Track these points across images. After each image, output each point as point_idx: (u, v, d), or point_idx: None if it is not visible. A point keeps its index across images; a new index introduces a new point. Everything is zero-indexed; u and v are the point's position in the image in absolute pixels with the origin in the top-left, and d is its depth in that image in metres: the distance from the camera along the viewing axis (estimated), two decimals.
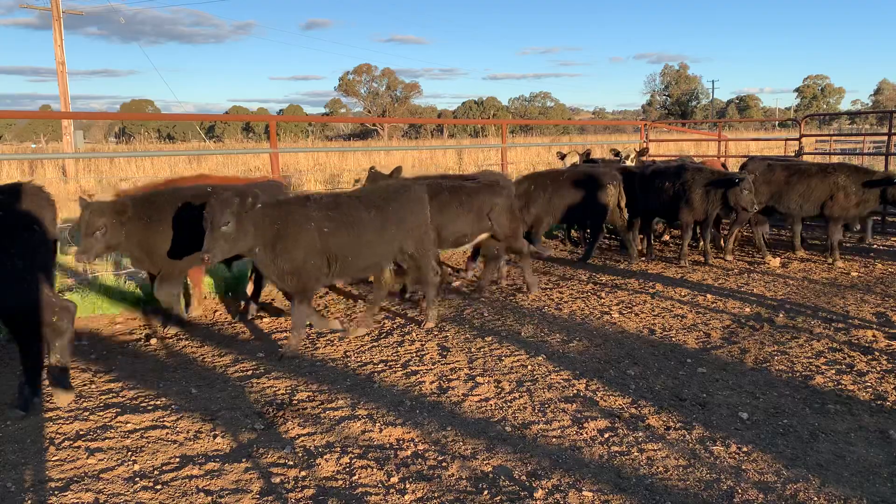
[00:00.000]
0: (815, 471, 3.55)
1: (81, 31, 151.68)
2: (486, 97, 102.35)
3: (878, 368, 4.98)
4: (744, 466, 3.61)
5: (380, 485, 3.50)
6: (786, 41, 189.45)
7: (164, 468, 3.71)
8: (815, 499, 3.29)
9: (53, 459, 3.83)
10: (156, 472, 3.66)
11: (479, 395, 4.63)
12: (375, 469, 3.65)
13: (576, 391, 4.68)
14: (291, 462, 3.75)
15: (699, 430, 4.04)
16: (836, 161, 13.71)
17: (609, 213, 9.01)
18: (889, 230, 11.01)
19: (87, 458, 3.82)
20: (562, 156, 11.87)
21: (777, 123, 61.28)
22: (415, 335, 6.02)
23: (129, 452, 3.90)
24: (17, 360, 5.56)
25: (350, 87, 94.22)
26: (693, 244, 10.01)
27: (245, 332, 6.27)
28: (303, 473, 3.62)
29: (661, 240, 10.86)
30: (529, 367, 5.14)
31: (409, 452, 3.84)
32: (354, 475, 3.60)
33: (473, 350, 5.57)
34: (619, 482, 3.47)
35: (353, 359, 5.45)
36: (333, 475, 3.60)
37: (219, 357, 5.57)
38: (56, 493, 3.46)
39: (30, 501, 3.39)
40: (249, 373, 5.17)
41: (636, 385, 4.77)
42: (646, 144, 13.27)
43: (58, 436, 4.13)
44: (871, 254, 9.39)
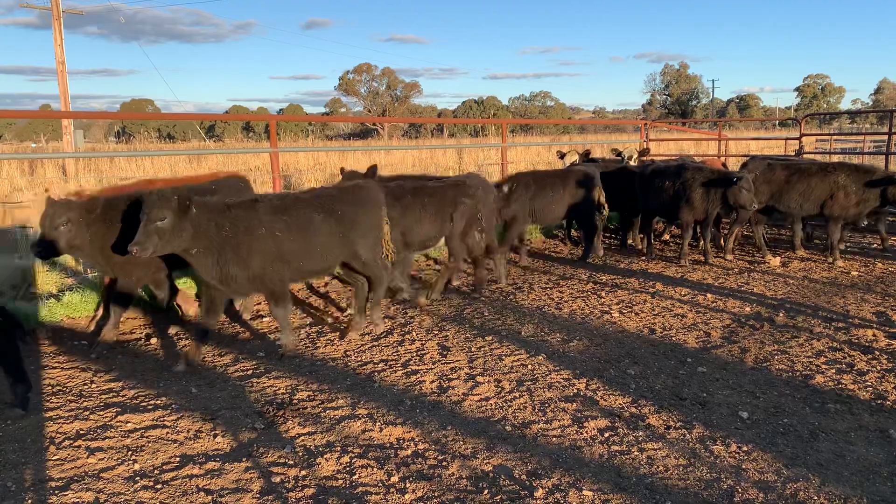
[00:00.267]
0: (816, 470, 3.55)
1: (81, 31, 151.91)
2: (487, 96, 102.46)
3: (879, 368, 4.98)
4: (744, 466, 3.61)
5: (380, 484, 3.50)
6: (786, 40, 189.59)
7: (165, 467, 3.71)
8: (816, 498, 3.29)
9: (54, 459, 3.83)
10: (156, 472, 3.66)
11: (480, 395, 4.63)
12: (376, 468, 3.66)
13: (576, 390, 4.68)
14: (292, 461, 3.75)
15: (699, 430, 4.04)
16: (836, 160, 13.71)
17: (596, 211, 9.12)
18: (889, 230, 10.99)
19: (88, 458, 3.83)
20: (561, 155, 11.88)
21: (777, 123, 61.28)
22: (415, 334, 6.02)
23: (130, 452, 3.90)
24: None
25: (350, 87, 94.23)
26: (693, 243, 10.01)
27: (245, 332, 6.27)
28: (303, 473, 3.63)
29: (662, 239, 10.86)
30: (530, 367, 5.14)
31: (410, 452, 3.84)
32: (355, 474, 3.60)
33: (474, 349, 5.57)
34: (620, 481, 3.47)
35: (354, 358, 5.45)
36: (334, 474, 3.60)
37: (219, 357, 5.57)
38: (56, 493, 3.46)
39: (30, 501, 3.40)
40: (249, 372, 5.17)
41: (636, 384, 4.77)
42: (647, 144, 13.27)
43: (58, 435, 4.13)
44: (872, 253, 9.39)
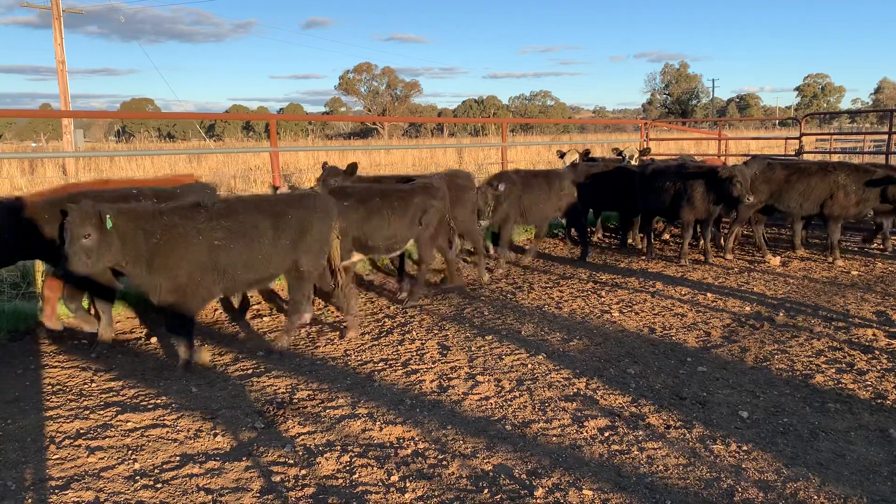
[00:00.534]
0: (816, 469, 3.55)
1: (81, 30, 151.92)
2: (487, 96, 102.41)
3: (879, 367, 4.98)
4: (744, 465, 3.61)
5: (380, 483, 3.50)
6: (786, 40, 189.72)
7: (165, 467, 3.71)
8: (816, 497, 3.29)
9: (54, 458, 3.83)
10: (156, 471, 3.66)
11: (480, 394, 4.63)
12: (376, 468, 3.66)
13: (576, 390, 4.68)
14: (292, 461, 3.75)
15: (699, 429, 4.04)
16: (837, 160, 13.70)
17: (578, 211, 9.19)
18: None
19: (88, 457, 3.83)
20: (561, 154, 11.87)
21: (777, 122, 61.25)
22: (415, 334, 6.02)
23: (130, 451, 3.90)
24: (18, 360, 5.58)
25: (350, 86, 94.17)
26: (693, 243, 10.01)
27: (245, 332, 6.27)
28: (303, 472, 3.63)
29: (662, 238, 10.86)
30: (530, 366, 5.14)
31: (410, 451, 3.84)
32: (355, 474, 3.60)
33: (474, 349, 5.57)
34: (620, 481, 3.47)
35: (354, 357, 5.45)
36: (334, 474, 3.61)
37: (219, 356, 5.57)
38: (56, 492, 3.46)
39: (30, 500, 3.40)
40: (249, 371, 5.17)
41: (636, 384, 4.77)
42: (647, 144, 13.26)
43: (58, 434, 4.13)
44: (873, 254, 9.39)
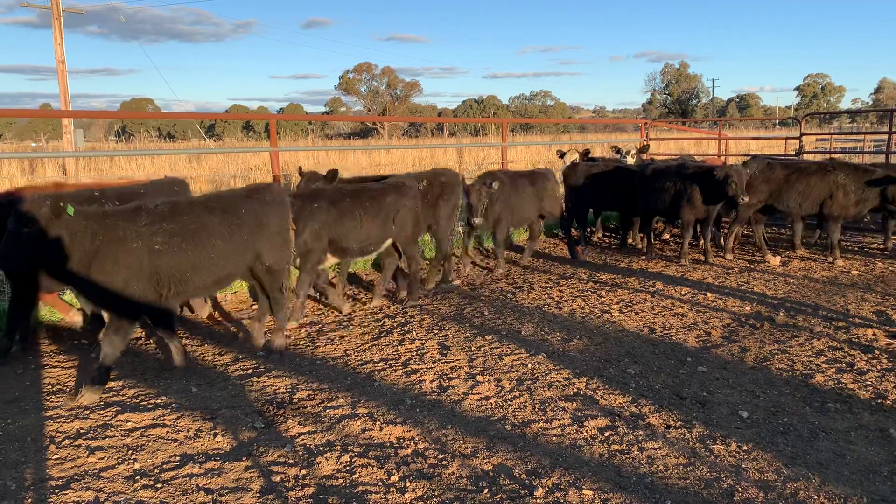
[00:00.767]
0: (816, 469, 3.55)
1: (81, 30, 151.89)
2: (487, 96, 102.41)
3: (879, 367, 4.98)
4: (744, 465, 3.61)
5: (380, 483, 3.50)
6: (786, 40, 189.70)
7: (165, 467, 3.71)
8: (816, 497, 3.29)
9: (54, 458, 3.83)
10: (156, 471, 3.66)
11: (480, 394, 4.63)
12: (376, 467, 3.66)
13: (576, 390, 4.68)
14: (292, 460, 3.75)
15: (699, 429, 4.04)
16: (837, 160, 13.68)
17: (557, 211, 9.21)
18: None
19: (88, 457, 3.83)
20: (561, 154, 11.87)
21: (777, 122, 61.21)
22: (415, 334, 6.02)
23: (130, 451, 3.90)
24: (18, 360, 5.58)
25: (350, 86, 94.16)
26: (693, 243, 10.01)
27: (245, 331, 6.26)
28: (303, 472, 3.63)
29: (662, 238, 10.86)
30: (529, 366, 5.14)
31: (410, 451, 3.84)
32: (355, 474, 3.60)
33: (474, 349, 5.57)
34: (620, 480, 3.47)
35: (354, 357, 5.45)
36: (334, 473, 3.60)
37: (219, 356, 5.57)
38: (56, 492, 3.46)
39: (30, 500, 3.40)
40: (250, 371, 5.17)
41: (636, 384, 4.77)
42: (646, 142, 13.25)
43: (58, 434, 4.13)
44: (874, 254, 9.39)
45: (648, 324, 6.20)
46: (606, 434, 4.00)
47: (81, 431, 4.16)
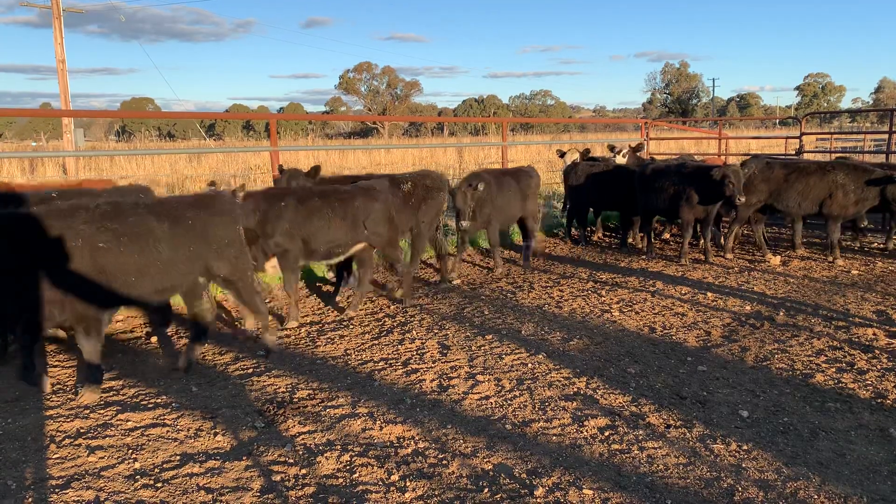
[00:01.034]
0: (816, 469, 3.55)
1: (82, 30, 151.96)
2: (487, 95, 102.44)
3: (879, 367, 4.98)
4: (744, 464, 3.61)
5: (380, 483, 3.50)
6: (786, 39, 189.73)
7: (165, 466, 3.71)
8: (816, 497, 3.29)
9: (54, 457, 3.83)
10: (156, 470, 3.67)
11: (480, 394, 4.63)
12: (376, 467, 3.66)
13: (576, 389, 4.68)
14: (292, 460, 3.75)
15: (699, 429, 4.04)
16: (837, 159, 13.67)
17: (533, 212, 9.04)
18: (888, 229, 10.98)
19: (88, 456, 3.83)
20: (562, 154, 11.88)
21: (778, 122, 61.17)
22: (415, 333, 6.03)
23: (130, 450, 3.90)
24: (18, 360, 5.58)
25: (350, 86, 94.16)
26: (693, 242, 10.01)
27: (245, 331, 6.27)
28: (303, 471, 3.63)
29: (662, 238, 10.86)
30: (530, 366, 5.14)
31: (410, 450, 3.84)
32: (355, 473, 3.60)
33: (474, 348, 5.57)
34: (620, 480, 3.48)
35: (354, 357, 5.45)
36: (334, 473, 3.61)
37: (219, 355, 5.57)
38: (57, 491, 3.46)
39: (31, 499, 3.40)
40: (250, 371, 5.17)
41: (636, 383, 4.77)
42: (642, 141, 13.24)
43: (58, 434, 4.13)
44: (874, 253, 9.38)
45: (649, 323, 6.20)
46: (606, 433, 4.00)
47: (81, 431, 4.16)
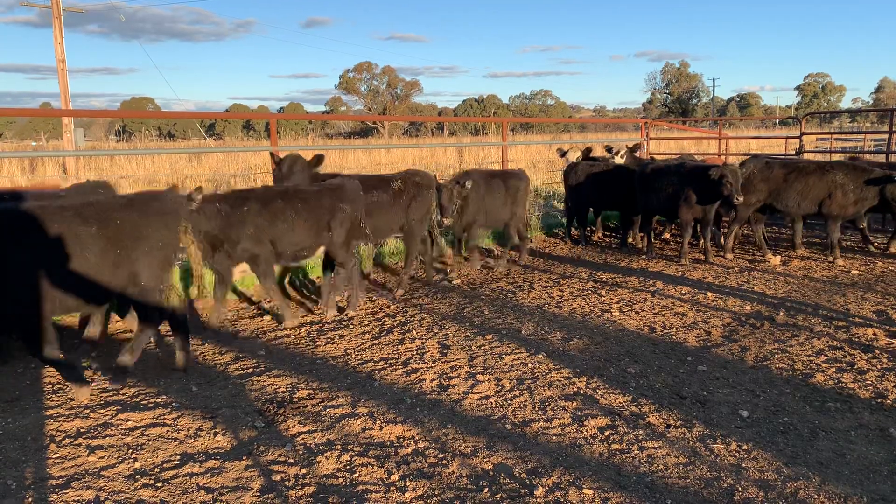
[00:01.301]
0: (816, 469, 3.55)
1: (82, 29, 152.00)
2: (487, 95, 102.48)
3: (879, 366, 4.98)
4: (744, 464, 3.61)
5: (380, 482, 3.50)
6: (786, 39, 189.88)
7: (165, 466, 3.71)
8: (816, 497, 3.29)
9: (54, 457, 3.83)
10: (156, 470, 3.67)
11: (480, 393, 4.63)
12: (376, 467, 3.66)
13: (576, 389, 4.68)
14: (292, 460, 3.75)
15: (699, 428, 4.04)
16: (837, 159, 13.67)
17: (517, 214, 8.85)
18: (889, 228, 10.99)
19: (88, 456, 3.83)
20: (563, 153, 11.88)
21: (778, 121, 61.17)
22: (415, 333, 6.03)
23: (130, 450, 3.90)
24: (18, 360, 5.58)
25: (350, 85, 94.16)
26: (693, 242, 10.01)
27: (245, 331, 6.27)
28: (303, 471, 3.63)
29: (662, 238, 10.86)
30: (530, 365, 5.14)
31: (410, 450, 3.84)
32: (355, 473, 3.60)
33: (474, 348, 5.57)
34: (620, 480, 3.48)
35: (354, 356, 5.45)
36: (334, 473, 3.61)
37: (219, 355, 5.57)
38: (57, 491, 3.46)
39: (31, 499, 3.40)
40: (250, 371, 5.17)
41: (636, 383, 4.77)
42: (640, 142, 13.24)
43: (58, 433, 4.13)
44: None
45: (649, 323, 6.20)
46: (606, 433, 4.00)
47: (81, 430, 4.16)
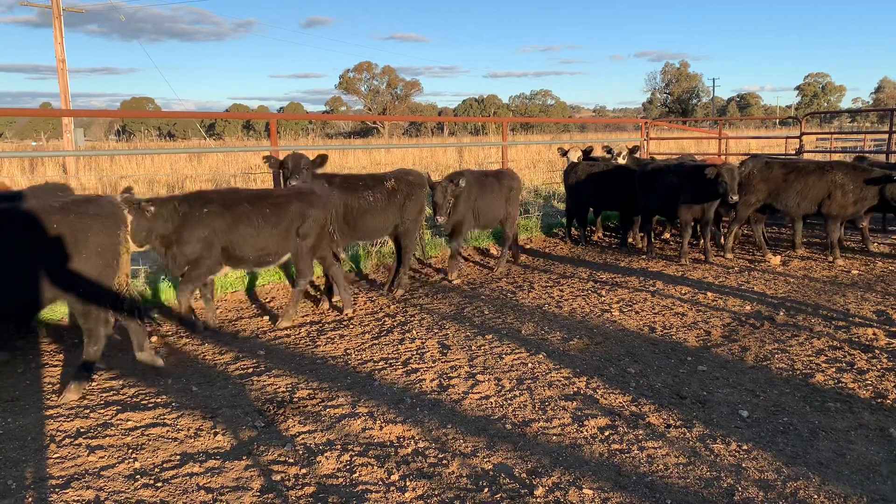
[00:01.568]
0: (816, 469, 3.55)
1: (82, 29, 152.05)
2: (487, 95, 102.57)
3: (879, 366, 4.98)
4: (744, 464, 3.61)
5: (380, 482, 3.50)
6: (786, 39, 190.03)
7: (165, 466, 3.71)
8: (816, 497, 3.29)
9: (54, 457, 3.83)
10: (156, 470, 3.67)
11: (480, 393, 4.63)
12: (376, 466, 3.66)
13: (576, 389, 4.68)
14: (292, 459, 3.75)
15: (699, 428, 4.04)
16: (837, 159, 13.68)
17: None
18: (889, 228, 10.99)
19: (88, 456, 3.83)
20: (563, 152, 11.88)
21: (778, 121, 61.18)
22: (415, 333, 6.03)
23: (130, 450, 3.90)
24: (18, 359, 5.59)
25: (350, 85, 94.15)
26: (693, 242, 10.01)
27: (245, 330, 6.27)
28: (303, 471, 3.63)
29: (662, 238, 10.86)
30: (530, 365, 5.14)
31: (410, 450, 3.84)
32: (355, 473, 3.60)
33: (474, 348, 5.57)
34: (620, 480, 3.48)
35: (354, 356, 5.45)
36: (334, 473, 3.61)
37: (219, 355, 5.57)
38: (57, 491, 3.46)
39: (31, 499, 3.40)
40: (250, 370, 5.17)
41: (636, 383, 4.77)
42: (647, 143, 13.24)
43: (58, 433, 4.13)
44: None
45: (649, 323, 6.20)
46: (606, 433, 4.00)
47: (81, 430, 4.16)
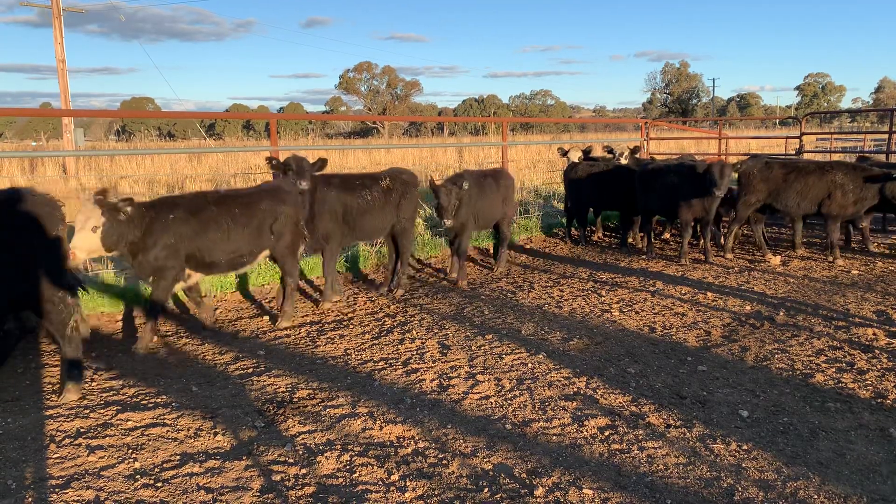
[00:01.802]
0: (816, 469, 3.55)
1: (82, 29, 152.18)
2: (487, 95, 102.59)
3: (879, 367, 4.98)
4: (744, 464, 3.61)
5: (380, 482, 3.50)
6: (786, 39, 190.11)
7: (165, 466, 3.71)
8: (816, 497, 3.29)
9: (54, 457, 3.83)
10: (156, 470, 3.66)
11: (480, 393, 4.63)
12: (376, 467, 3.66)
13: (576, 389, 4.68)
14: (292, 460, 3.75)
15: (699, 428, 4.04)
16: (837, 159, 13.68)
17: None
18: (889, 229, 11.00)
19: (88, 456, 3.83)
20: (563, 152, 11.87)
21: (778, 121, 61.16)
22: (415, 333, 6.02)
23: (130, 450, 3.90)
24: (18, 359, 5.59)
25: (350, 85, 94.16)
26: (693, 242, 10.01)
27: (245, 330, 6.27)
28: (303, 471, 3.63)
29: (662, 238, 10.86)
30: (530, 365, 5.14)
31: (410, 450, 3.84)
32: (355, 473, 3.60)
33: (474, 348, 5.57)
34: (620, 480, 3.47)
35: (354, 356, 5.45)
36: (334, 473, 3.61)
37: (219, 355, 5.57)
38: (57, 491, 3.46)
39: (31, 499, 3.40)
40: (250, 370, 5.17)
41: (636, 383, 4.77)
42: (647, 143, 13.23)
43: (58, 433, 4.13)
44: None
45: (648, 323, 6.20)
46: (606, 433, 4.00)
47: (81, 430, 4.16)
